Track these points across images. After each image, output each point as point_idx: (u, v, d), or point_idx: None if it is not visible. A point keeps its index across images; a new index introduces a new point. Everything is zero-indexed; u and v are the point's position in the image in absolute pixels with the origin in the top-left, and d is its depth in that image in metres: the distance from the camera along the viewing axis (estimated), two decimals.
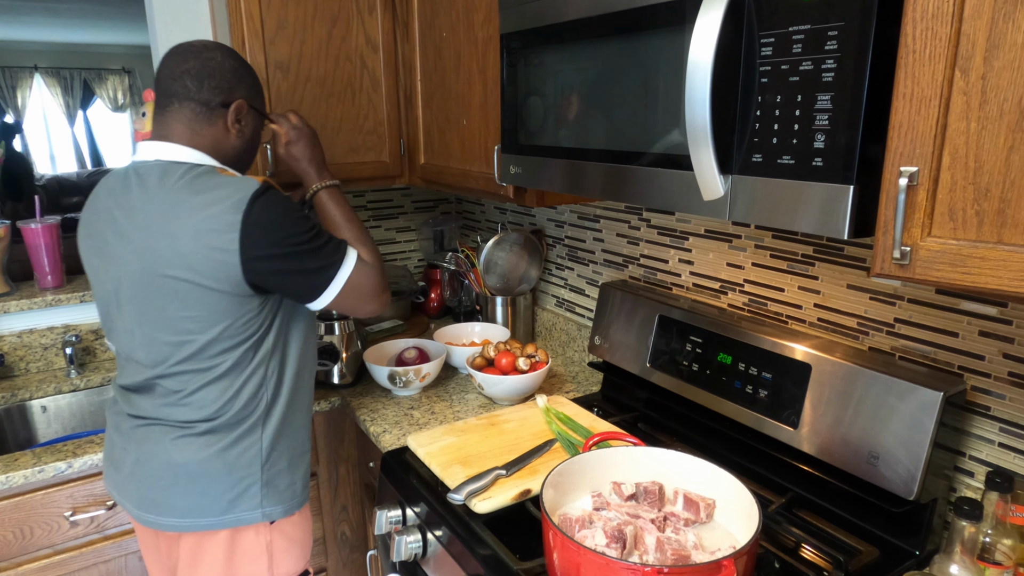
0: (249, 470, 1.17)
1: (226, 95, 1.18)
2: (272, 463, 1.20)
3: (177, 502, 1.15)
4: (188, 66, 1.15)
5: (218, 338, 1.12)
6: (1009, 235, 0.67)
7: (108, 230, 1.15)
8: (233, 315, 1.12)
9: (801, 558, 1.06)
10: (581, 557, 0.85)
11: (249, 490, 1.17)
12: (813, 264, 1.27)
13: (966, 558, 0.89)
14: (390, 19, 1.82)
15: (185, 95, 1.15)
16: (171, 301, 1.09)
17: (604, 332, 1.61)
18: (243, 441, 1.17)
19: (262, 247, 1.08)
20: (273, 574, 1.23)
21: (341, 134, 1.82)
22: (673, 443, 1.40)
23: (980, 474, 1.07)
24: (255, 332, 1.15)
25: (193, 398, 1.14)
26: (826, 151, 0.77)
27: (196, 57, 1.16)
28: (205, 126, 1.17)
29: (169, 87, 1.16)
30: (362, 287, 1.20)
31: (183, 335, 1.11)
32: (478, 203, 2.37)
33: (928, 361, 1.12)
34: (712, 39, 0.82)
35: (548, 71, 1.19)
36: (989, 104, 0.66)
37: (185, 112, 1.16)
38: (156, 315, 1.11)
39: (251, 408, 1.17)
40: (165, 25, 1.83)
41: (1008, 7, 0.64)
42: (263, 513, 1.19)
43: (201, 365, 1.13)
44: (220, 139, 1.19)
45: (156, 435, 1.16)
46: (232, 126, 1.19)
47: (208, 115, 1.17)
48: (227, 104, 1.18)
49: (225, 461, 1.15)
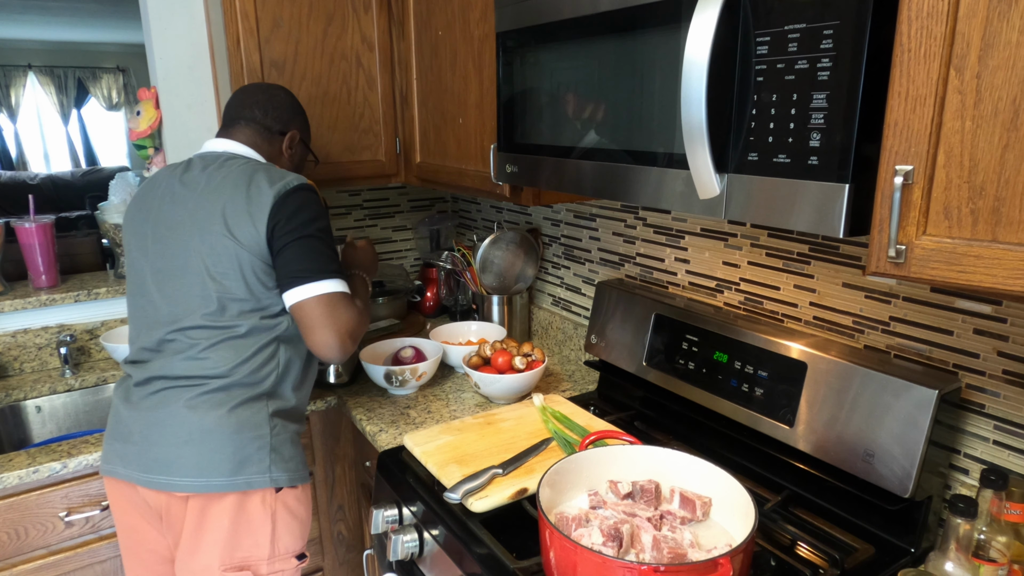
0: (259, 431, 1.22)
1: (284, 125, 1.40)
2: (277, 432, 1.25)
3: (189, 461, 1.18)
4: (257, 97, 1.38)
5: (240, 299, 1.22)
6: (1004, 233, 0.67)
7: (166, 199, 1.28)
8: (256, 281, 1.22)
9: (797, 556, 1.07)
10: (578, 556, 0.85)
11: (258, 453, 1.22)
12: (809, 263, 1.27)
13: (961, 555, 0.89)
14: (386, 17, 1.82)
15: (251, 119, 1.36)
16: (211, 255, 1.21)
17: (600, 331, 1.61)
18: (252, 404, 1.23)
19: (286, 218, 1.21)
20: (274, 546, 1.26)
21: (337, 133, 1.82)
22: (669, 441, 1.40)
23: (975, 471, 1.08)
24: (273, 305, 1.25)
25: (209, 352, 1.21)
26: (821, 150, 0.77)
27: (264, 93, 1.39)
28: (264, 144, 1.37)
29: (239, 112, 1.37)
30: (336, 313, 1.22)
31: (211, 290, 1.21)
32: (474, 202, 2.37)
33: (923, 359, 1.12)
34: (708, 38, 0.82)
35: (544, 70, 1.19)
36: (984, 103, 0.67)
37: (249, 131, 1.36)
38: (193, 269, 1.22)
39: (262, 375, 1.24)
40: (159, 23, 1.82)
41: (1003, 6, 0.64)
42: (271, 478, 1.22)
43: (221, 323, 1.22)
44: (275, 158, 1.39)
45: (170, 398, 1.21)
46: (286, 151, 1.41)
47: (268, 137, 1.38)
48: (284, 132, 1.40)
49: (236, 420, 1.20)
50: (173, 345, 1.23)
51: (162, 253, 1.25)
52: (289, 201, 1.22)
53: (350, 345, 1.24)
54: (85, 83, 7.72)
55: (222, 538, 1.21)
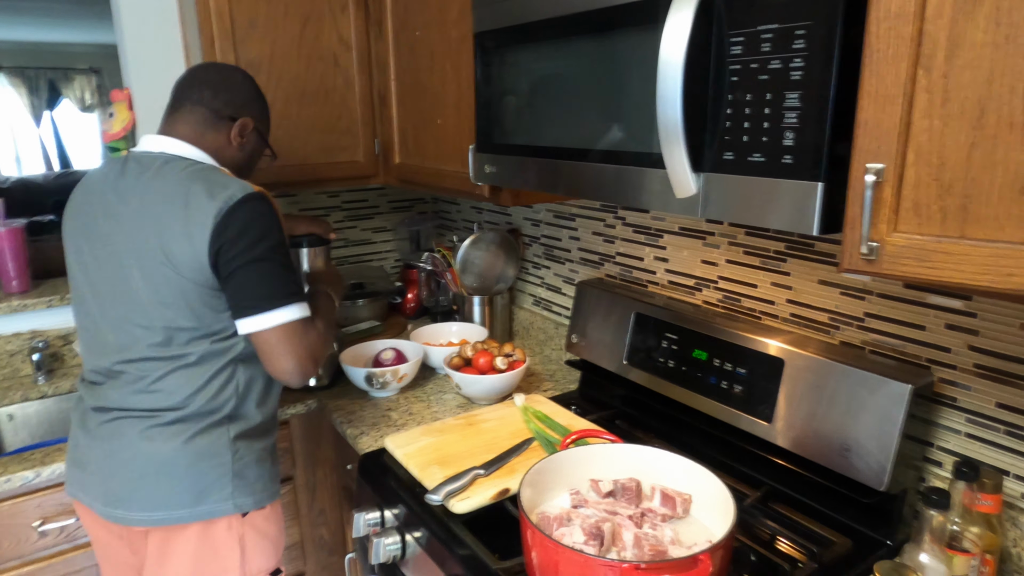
0: (219, 459, 1.17)
1: (236, 110, 1.25)
2: (240, 455, 1.19)
3: (146, 494, 1.14)
4: (209, 77, 1.24)
5: (187, 328, 1.13)
6: (971, 230, 0.69)
7: (99, 212, 1.17)
8: (203, 307, 1.13)
9: (776, 550, 1.08)
10: (559, 555, 0.86)
11: (219, 481, 1.16)
12: (785, 260, 1.28)
13: (935, 546, 0.90)
14: (363, 17, 1.81)
15: (199, 100, 1.21)
16: (148, 285, 1.12)
17: (581, 330, 1.61)
18: (211, 432, 1.16)
19: (233, 240, 1.09)
20: (245, 570, 1.22)
21: (315, 134, 1.81)
22: (650, 439, 1.41)
23: (948, 464, 1.10)
24: (225, 329, 1.16)
25: (160, 384, 1.14)
26: (795, 149, 0.78)
27: (219, 72, 1.26)
28: (210, 131, 1.22)
29: (185, 92, 1.22)
30: (296, 341, 1.14)
31: (154, 320, 1.13)
32: (454, 202, 2.36)
33: (897, 354, 1.14)
34: (683, 38, 0.82)
35: (522, 70, 1.19)
36: (951, 102, 0.68)
37: (195, 115, 1.21)
38: (133, 297, 1.13)
39: (220, 402, 1.17)
40: (132, 24, 1.80)
41: (968, 6, 0.65)
42: (235, 504, 1.18)
43: (169, 353, 1.14)
44: (222, 147, 1.24)
45: (125, 428, 1.15)
46: (235, 139, 1.25)
47: (215, 122, 1.23)
48: (235, 118, 1.24)
49: (194, 450, 1.15)
50: (123, 377, 1.16)
51: (100, 274, 1.16)
52: (233, 219, 1.09)
53: (312, 370, 1.17)
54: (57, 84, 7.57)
55: (187, 568, 1.18)
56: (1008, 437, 1.02)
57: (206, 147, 1.22)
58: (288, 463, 1.70)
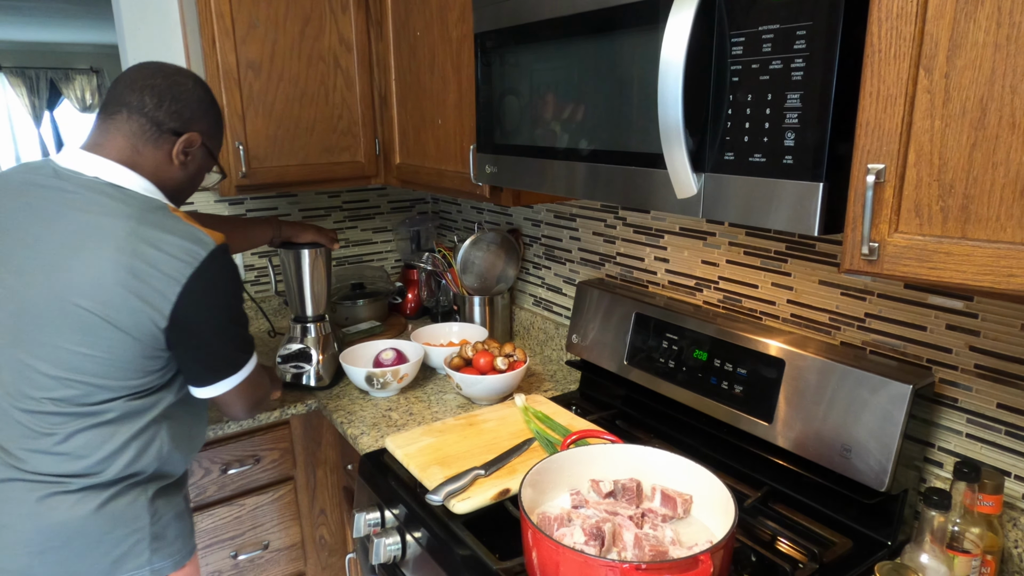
0: (137, 524, 1.04)
1: (182, 124, 1.08)
2: (159, 515, 1.07)
3: (50, 571, 0.99)
4: (154, 82, 1.06)
5: (111, 386, 0.99)
6: (973, 230, 0.69)
7: (11, 228, 1.01)
8: (135, 365, 1.00)
9: (777, 551, 1.08)
10: (560, 555, 0.86)
11: (136, 547, 1.04)
12: (785, 261, 1.28)
13: (936, 547, 0.90)
14: (363, 18, 1.81)
15: (139, 108, 1.05)
16: (69, 332, 0.96)
17: (581, 330, 1.61)
18: (128, 494, 1.04)
19: (199, 308, 0.99)
20: None
21: (315, 134, 1.81)
22: (650, 440, 1.41)
23: (949, 464, 1.10)
24: (155, 389, 1.05)
25: (68, 446, 0.99)
26: (796, 149, 0.78)
27: (166, 77, 1.08)
28: (148, 147, 1.06)
29: (124, 96, 1.05)
30: (251, 390, 1.11)
31: (71, 372, 0.97)
32: (455, 203, 2.36)
33: (898, 355, 1.14)
34: (684, 38, 0.82)
35: (523, 70, 1.19)
36: (952, 102, 0.68)
37: (132, 126, 1.05)
38: (43, 341, 0.97)
39: (142, 464, 1.04)
40: (133, 24, 1.80)
41: (969, 7, 0.65)
42: (152, 571, 1.06)
43: (82, 408, 0.99)
44: (161, 166, 1.08)
45: (18, 494, 0.99)
46: (177, 157, 1.09)
47: (155, 137, 1.06)
48: (179, 133, 1.08)
49: (108, 517, 1.01)
50: (20, 428, 0.98)
51: (8, 302, 0.99)
52: (200, 288, 0.97)
53: (262, 410, 1.14)
54: (58, 84, 7.58)
55: None
56: (1009, 438, 1.02)
57: (143, 167, 1.06)
58: (288, 463, 1.70)
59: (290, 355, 1.71)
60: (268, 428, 1.64)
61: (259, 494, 1.66)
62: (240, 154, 1.68)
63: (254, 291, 2.15)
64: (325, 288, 1.74)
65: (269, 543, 1.70)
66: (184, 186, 1.15)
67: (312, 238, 1.65)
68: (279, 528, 1.71)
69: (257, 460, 1.64)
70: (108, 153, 1.04)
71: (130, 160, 1.05)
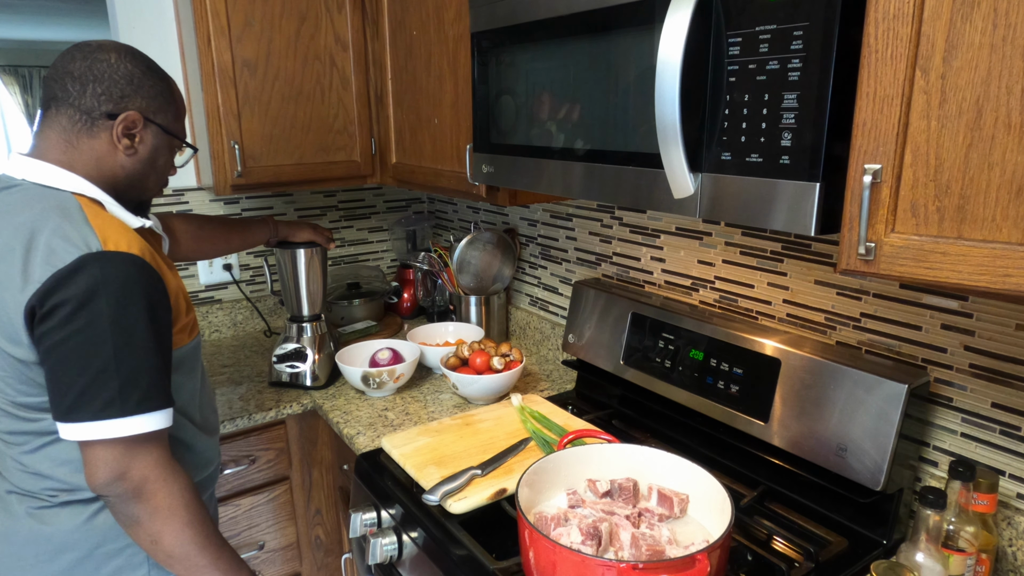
0: (127, 537, 0.99)
1: (114, 104, 0.96)
2: None
3: None
4: (73, 67, 0.95)
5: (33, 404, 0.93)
6: (968, 231, 0.69)
7: None
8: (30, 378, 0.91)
9: (773, 550, 1.08)
10: (557, 555, 0.86)
11: (133, 559, 1.00)
12: (782, 260, 1.29)
13: (931, 546, 0.91)
14: (359, 17, 1.81)
15: (64, 99, 0.95)
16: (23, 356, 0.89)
17: (578, 330, 1.61)
18: None
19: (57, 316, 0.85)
20: None
21: (311, 133, 1.80)
22: (647, 439, 1.41)
23: (944, 464, 1.10)
24: None
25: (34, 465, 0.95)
26: (793, 149, 0.79)
27: (85, 58, 0.96)
28: (83, 139, 0.96)
29: (51, 89, 0.96)
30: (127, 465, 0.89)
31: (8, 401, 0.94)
32: (451, 202, 2.36)
33: (893, 354, 1.14)
34: (681, 38, 0.82)
35: (519, 70, 1.19)
36: (948, 103, 0.68)
37: (62, 120, 0.95)
38: None
39: None
40: (127, 22, 1.79)
41: (965, 8, 0.65)
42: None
43: (29, 427, 0.94)
44: (104, 157, 0.97)
45: (12, 504, 0.97)
46: (120, 141, 0.97)
47: (88, 126, 0.96)
48: (114, 115, 0.97)
49: (96, 530, 0.98)
50: (2, 444, 0.97)
51: None
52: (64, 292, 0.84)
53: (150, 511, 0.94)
54: None
55: None
56: (1003, 437, 1.03)
57: (81, 164, 0.96)
58: (284, 463, 1.69)
59: (286, 354, 1.70)
60: (264, 428, 1.63)
61: (255, 494, 1.66)
62: (236, 153, 1.67)
63: (249, 290, 2.14)
64: (321, 287, 1.73)
65: (265, 543, 1.69)
66: (141, 173, 1.03)
67: (308, 237, 1.65)
68: (275, 528, 1.71)
69: (252, 460, 1.63)
70: (43, 154, 0.96)
71: (64, 158, 0.96)
